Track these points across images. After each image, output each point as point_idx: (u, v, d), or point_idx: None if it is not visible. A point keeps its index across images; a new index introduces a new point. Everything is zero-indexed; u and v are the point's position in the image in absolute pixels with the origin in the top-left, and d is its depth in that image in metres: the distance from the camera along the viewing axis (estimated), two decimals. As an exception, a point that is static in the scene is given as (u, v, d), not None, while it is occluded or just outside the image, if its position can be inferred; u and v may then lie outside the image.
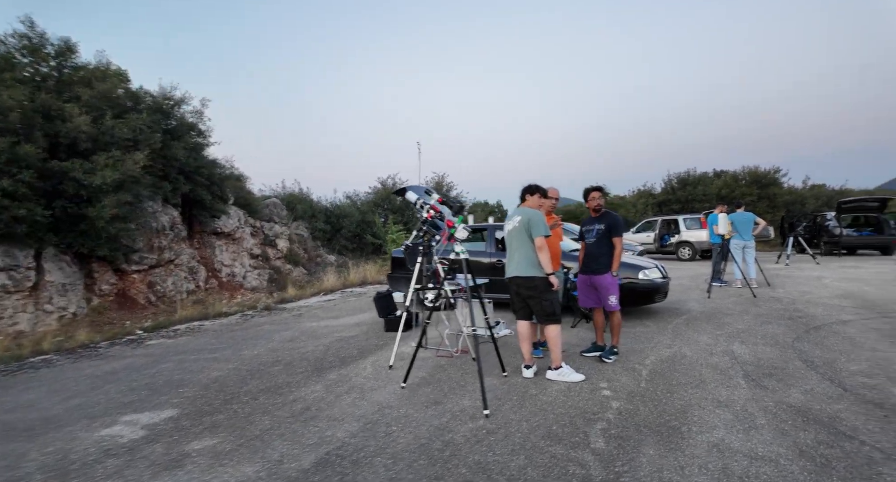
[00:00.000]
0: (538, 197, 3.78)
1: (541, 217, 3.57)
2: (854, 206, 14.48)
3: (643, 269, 5.67)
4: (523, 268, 3.55)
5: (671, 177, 23.57)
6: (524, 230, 3.55)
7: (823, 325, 5.04)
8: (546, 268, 3.48)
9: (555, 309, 3.56)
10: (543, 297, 3.52)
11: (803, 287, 8.02)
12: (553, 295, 3.58)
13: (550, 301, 3.54)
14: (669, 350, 4.29)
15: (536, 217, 3.55)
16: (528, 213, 3.58)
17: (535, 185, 3.77)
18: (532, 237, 3.51)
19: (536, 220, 3.53)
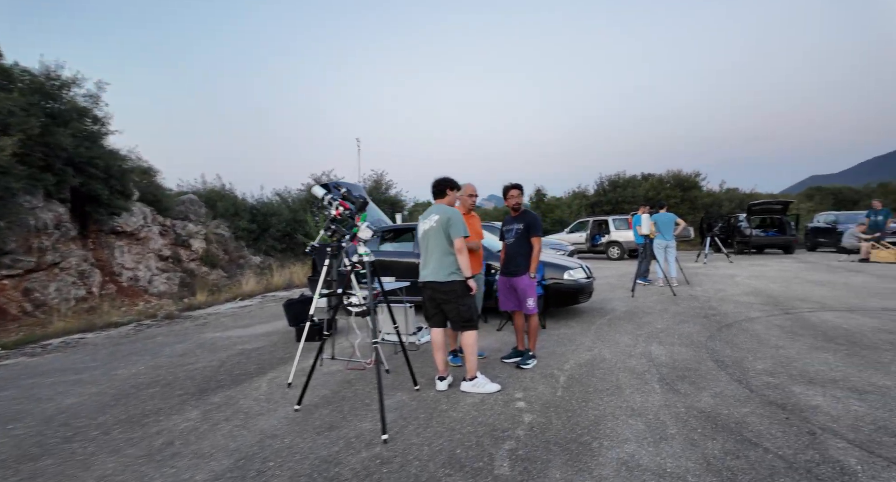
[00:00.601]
0: (454, 193, 3.50)
1: (459, 216, 3.29)
2: (762, 208, 15.76)
3: (568, 270, 5.60)
4: (440, 272, 3.24)
5: (603, 179, 24.62)
6: (442, 230, 3.24)
7: (734, 323, 5.20)
8: (465, 272, 3.20)
9: (472, 314, 3.29)
10: (461, 302, 3.23)
11: (718, 285, 8.46)
12: (471, 300, 3.31)
13: (468, 306, 3.27)
14: (590, 353, 4.19)
15: (455, 216, 3.26)
16: (446, 212, 3.28)
17: (448, 178, 3.47)
18: (450, 238, 3.21)
19: (455, 220, 3.23)
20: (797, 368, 3.56)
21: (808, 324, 5.03)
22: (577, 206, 24.29)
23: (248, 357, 4.46)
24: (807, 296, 6.74)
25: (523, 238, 3.85)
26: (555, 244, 10.60)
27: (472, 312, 3.28)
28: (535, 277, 3.80)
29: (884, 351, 3.95)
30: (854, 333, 4.54)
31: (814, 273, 9.69)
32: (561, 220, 23.13)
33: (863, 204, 21.89)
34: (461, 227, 3.22)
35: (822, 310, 5.76)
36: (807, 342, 4.30)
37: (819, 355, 3.87)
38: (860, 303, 6.08)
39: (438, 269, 3.24)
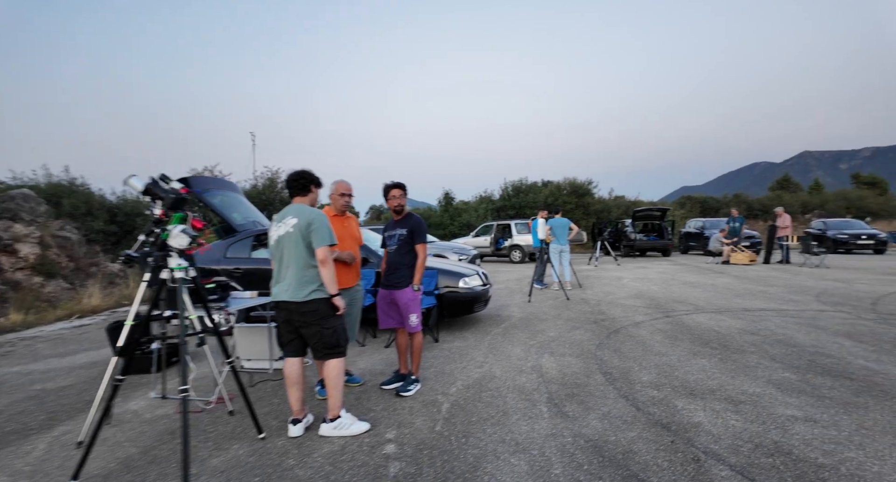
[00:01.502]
0: (317, 191, 2.87)
1: (324, 219, 2.65)
2: (644, 214, 17.25)
3: (464, 277, 5.24)
4: (298, 290, 2.58)
5: (507, 184, 25.41)
6: (300, 237, 2.59)
7: (621, 329, 5.24)
8: (330, 288, 2.59)
9: (338, 339, 2.68)
10: (324, 325, 2.61)
11: (607, 287, 8.80)
12: (338, 321, 2.69)
13: (333, 329, 2.65)
14: (480, 370, 3.82)
15: (318, 219, 2.62)
16: (307, 214, 2.63)
17: (309, 173, 2.83)
18: (312, 247, 2.58)
19: (319, 224, 2.60)
20: (679, 378, 3.51)
21: (685, 327, 5.22)
22: (483, 210, 24.74)
23: (42, 402, 3.37)
24: (683, 298, 7.19)
25: (406, 245, 3.35)
26: (458, 248, 10.36)
27: (338, 337, 2.67)
28: (419, 290, 3.32)
29: (749, 353, 4.12)
30: (724, 336, 4.76)
31: (687, 274, 10.62)
32: (468, 223, 23.37)
33: (723, 211, 25.28)
34: (326, 234, 2.60)
35: (696, 312, 6.10)
36: (686, 347, 4.38)
37: (697, 362, 3.91)
38: (726, 304, 6.59)
39: (296, 286, 2.58)
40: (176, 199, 2.52)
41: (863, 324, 5.11)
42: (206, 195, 5.38)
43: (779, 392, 3.18)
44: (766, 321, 5.42)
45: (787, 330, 4.95)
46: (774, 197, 28.86)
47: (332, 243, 2.61)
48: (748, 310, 6.10)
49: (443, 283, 5.11)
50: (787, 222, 12.73)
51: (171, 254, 2.47)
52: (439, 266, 5.31)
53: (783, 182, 34.63)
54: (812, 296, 7.08)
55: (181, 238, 2.43)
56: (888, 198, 29.83)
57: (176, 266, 2.45)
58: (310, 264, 2.59)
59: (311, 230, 2.57)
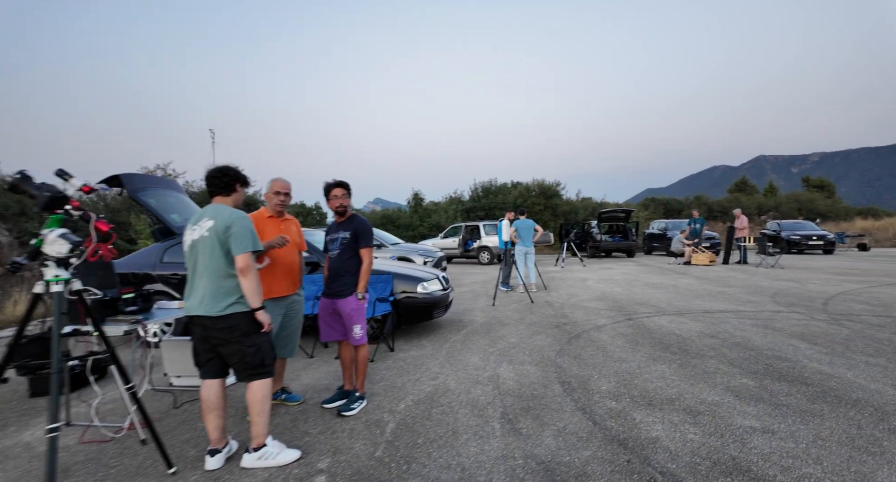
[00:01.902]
0: (243, 191, 2.56)
1: (246, 222, 2.32)
2: (609, 216, 17.49)
3: (422, 281, 5.00)
4: (213, 303, 2.27)
5: (477, 185, 25.36)
6: (217, 242, 2.27)
7: (583, 333, 5.13)
8: (252, 301, 2.28)
9: (263, 358, 2.37)
10: (245, 343, 2.30)
11: (572, 289, 8.76)
12: (262, 338, 2.38)
13: (257, 347, 2.34)
14: (433, 382, 3.58)
15: (240, 222, 2.30)
16: (227, 216, 2.30)
17: (233, 169, 2.50)
18: (231, 254, 2.27)
19: (239, 227, 2.27)
20: (638, 387, 3.39)
21: (646, 331, 5.15)
22: (453, 211, 24.60)
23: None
24: (645, 300, 7.19)
25: (349, 250, 3.07)
26: (424, 250, 10.11)
27: (262, 355, 2.36)
28: (363, 298, 3.05)
29: (709, 358, 4.06)
30: (685, 340, 4.70)
31: (650, 275, 10.74)
32: (438, 224, 23.16)
33: (685, 213, 26.06)
34: (247, 239, 2.28)
35: (657, 314, 6.08)
36: (646, 352, 4.28)
37: (657, 368, 3.81)
38: (686, 306, 6.61)
39: (211, 298, 2.27)
40: (50, 199, 2.15)
41: (815, 326, 5.17)
42: (140, 195, 4.94)
43: (737, 400, 3.09)
44: (724, 323, 5.43)
45: (745, 332, 4.96)
46: (733, 199, 30.04)
47: (256, 249, 2.31)
48: (708, 312, 6.12)
49: (399, 288, 4.85)
50: (744, 224, 13.12)
51: (48, 263, 2.11)
52: (395, 270, 5.05)
53: (740, 184, 36.10)
54: (768, 297, 7.21)
55: (58, 244, 2.08)
56: (835, 200, 31.57)
57: (52, 278, 2.09)
58: (228, 273, 2.27)
59: (229, 234, 2.25)
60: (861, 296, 7.17)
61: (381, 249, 9.78)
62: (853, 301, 6.72)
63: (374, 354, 4.32)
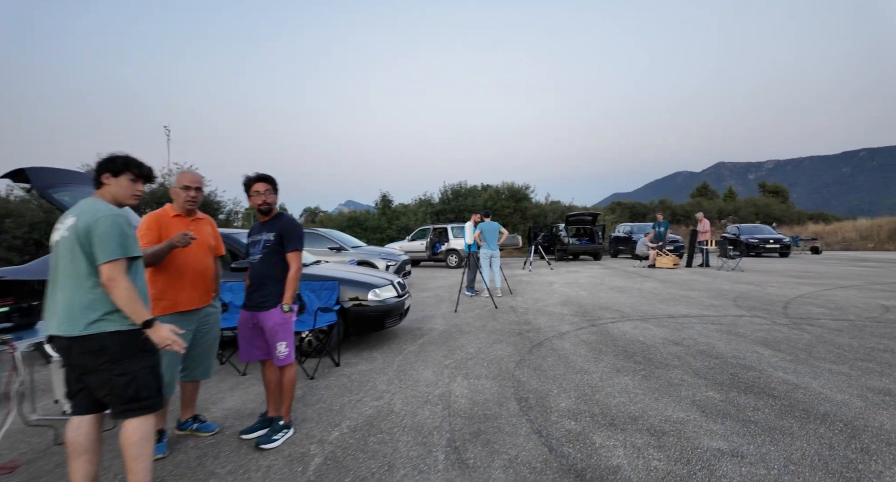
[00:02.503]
0: (129, 179, 2.06)
1: (116, 223, 1.84)
2: (576, 219, 17.53)
3: (374, 288, 4.61)
4: (72, 319, 1.80)
5: (447, 187, 25.09)
6: (77, 245, 1.81)
7: (545, 341, 4.86)
8: (134, 316, 1.83)
9: (138, 390, 1.88)
10: (115, 370, 1.84)
11: (537, 293, 8.54)
12: (140, 364, 1.90)
13: (130, 376, 1.86)
14: (377, 403, 3.20)
15: (106, 222, 1.81)
16: (91, 214, 1.83)
17: (110, 157, 2.01)
18: (95, 261, 1.81)
19: (105, 230, 1.80)
20: (599, 403, 3.12)
21: (610, 338, 4.94)
22: (422, 213, 24.22)
23: None
24: (610, 304, 7.03)
25: (274, 254, 2.67)
26: (387, 254, 9.70)
27: (138, 386, 1.88)
28: (290, 311, 2.64)
29: (673, 368, 3.85)
30: (649, 347, 4.50)
31: (615, 279, 10.69)
32: (406, 227, 22.74)
33: (649, 217, 26.61)
34: (112, 243, 1.80)
35: (622, 319, 5.90)
36: (609, 362, 4.05)
37: (620, 380, 3.57)
38: (651, 310, 6.48)
39: (68, 314, 1.81)
40: None
41: (778, 331, 5.09)
42: (51, 192, 4.34)
43: (703, 417, 2.86)
44: (689, 328, 5.29)
45: (709, 338, 4.81)
46: (695, 203, 30.95)
47: (129, 255, 1.86)
48: (672, 317, 5.99)
49: (348, 296, 4.45)
50: (706, 227, 13.33)
51: None
52: (344, 275, 4.64)
53: (702, 189, 37.34)
54: (730, 301, 7.19)
55: None
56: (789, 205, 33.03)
57: None
58: (91, 283, 1.82)
59: (91, 236, 1.80)
60: (818, 299, 7.24)
61: (341, 253, 9.31)
62: (811, 304, 6.76)
63: (316, 370, 3.91)
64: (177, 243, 2.37)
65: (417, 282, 11.25)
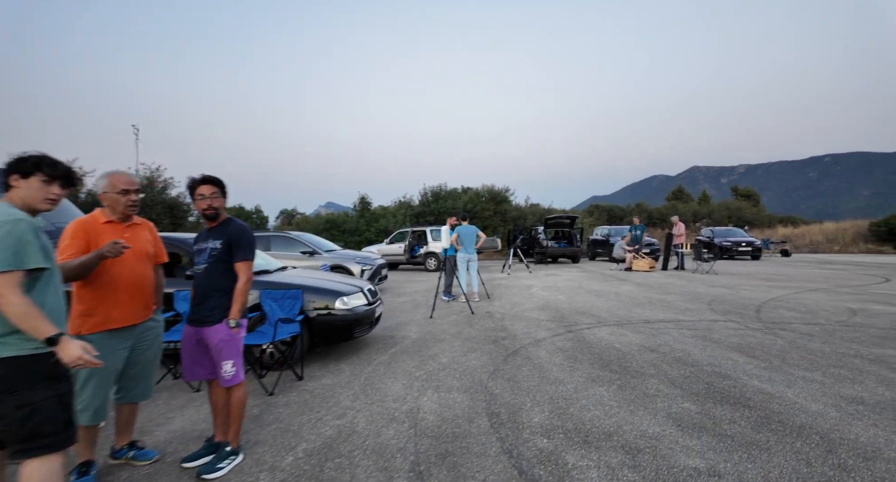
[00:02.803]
0: (41, 181, 1.81)
1: (11, 231, 1.59)
2: (555, 222, 17.57)
3: (342, 296, 4.39)
4: None
5: (427, 190, 24.91)
6: None
7: (520, 349, 4.73)
8: (35, 333, 1.58)
9: (40, 425, 1.62)
10: (10, 402, 1.58)
11: (515, 298, 8.43)
12: (51, 391, 1.65)
13: (29, 409, 1.60)
14: (339, 422, 2.99)
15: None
16: None
17: (34, 156, 1.76)
18: None
19: None
20: (574, 417, 2.99)
21: (586, 345, 4.84)
22: (402, 215, 23.99)
23: None
24: (587, 309, 6.96)
25: (222, 263, 2.44)
26: (361, 258, 9.44)
27: (41, 420, 1.62)
28: (237, 327, 2.41)
29: (649, 377, 3.76)
30: (625, 355, 4.41)
31: (593, 282, 10.69)
32: (385, 229, 22.46)
33: (626, 220, 26.97)
34: (7, 252, 1.57)
35: (598, 325, 5.82)
36: (585, 371, 3.93)
37: (595, 391, 3.45)
38: (627, 315, 6.43)
39: None
40: None
41: (751, 336, 5.08)
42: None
43: (679, 431, 2.75)
44: (664, 334, 5.23)
45: (685, 344, 4.76)
46: (671, 206, 31.55)
47: (23, 267, 1.60)
48: (648, 322, 5.95)
49: (314, 304, 4.22)
50: (681, 230, 13.50)
51: None
52: (309, 283, 4.41)
53: (677, 193, 38.12)
54: (705, 304, 7.21)
55: None
56: (760, 209, 34.00)
57: None
58: None
59: None
60: (789, 302, 7.33)
61: (315, 257, 9.01)
62: (783, 308, 6.83)
63: (276, 385, 3.67)
64: (107, 253, 2.12)
65: (394, 286, 11.03)
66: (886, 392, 3.34)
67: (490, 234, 22.69)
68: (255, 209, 28.52)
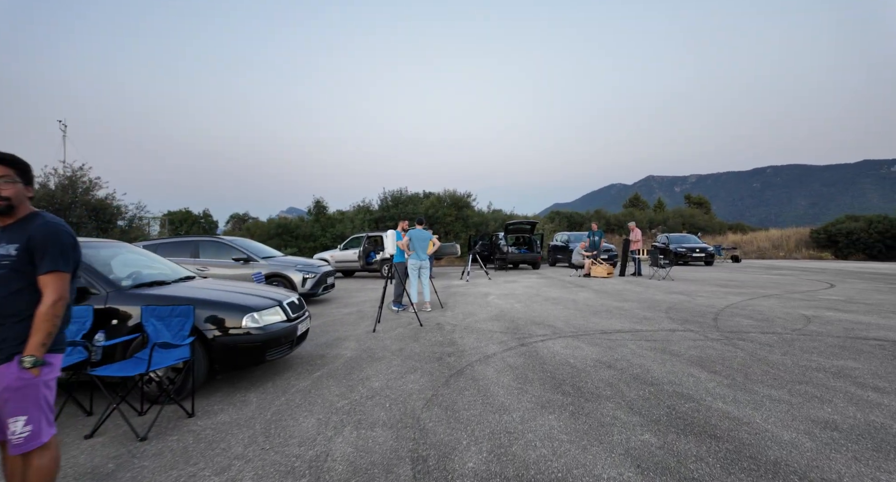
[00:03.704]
0: None
1: None
2: (516, 228, 17.30)
3: (251, 312, 3.69)
4: None
5: (386, 194, 24.21)
6: None
7: (466, 367, 4.19)
8: None
9: None
10: None
11: (470, 307, 7.93)
12: None
13: None
14: (217, 480, 2.33)
15: None
16: None
17: None
18: None
19: None
20: (517, 459, 2.46)
21: (539, 360, 4.37)
22: (360, 220, 23.15)
23: None
24: (543, 318, 6.54)
25: (17, 277, 1.74)
26: (304, 265, 8.66)
27: None
28: (36, 366, 1.71)
29: (605, 399, 3.31)
30: (579, 372, 3.96)
31: (551, 289, 10.36)
32: (343, 234, 21.56)
33: (586, 226, 27.23)
34: None
35: (553, 337, 5.38)
36: (534, 395, 3.43)
37: (544, 421, 2.95)
38: (584, 325, 6.04)
39: None
40: None
41: (711, 347, 4.77)
42: None
43: (639, 475, 2.27)
44: (622, 347, 4.84)
45: (643, 358, 4.37)
46: (627, 213, 32.25)
47: None
48: (605, 333, 5.57)
49: (214, 323, 3.51)
50: (638, 236, 13.48)
51: None
52: (210, 296, 3.70)
53: (634, 200, 39.15)
54: (662, 312, 6.95)
55: None
56: (711, 216, 35.34)
57: None
58: None
59: None
60: (745, 309, 7.19)
61: (250, 264, 8.16)
62: (739, 315, 6.65)
63: (152, 427, 2.94)
64: None
65: (343, 295, 10.29)
66: (858, 414, 3.02)
67: (452, 239, 22.24)
68: (202, 213, 26.82)
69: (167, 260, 4.81)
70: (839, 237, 23.33)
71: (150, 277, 3.95)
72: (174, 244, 8.25)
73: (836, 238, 23.47)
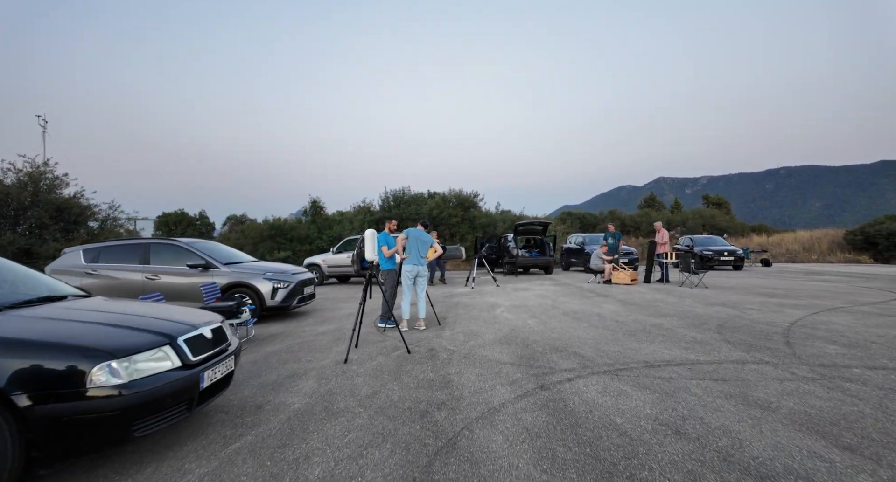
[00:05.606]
0: None
1: None
2: (526, 229, 15.84)
3: (111, 358, 2.29)
4: None
5: (388, 194, 22.92)
6: None
7: (462, 432, 2.79)
8: None
9: None
10: None
11: (474, 324, 6.52)
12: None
13: None
14: None
15: None
16: None
17: None
18: None
19: None
20: None
21: (569, 420, 2.95)
22: (360, 221, 21.84)
23: None
24: (565, 342, 5.11)
25: None
26: (275, 272, 7.30)
27: None
28: None
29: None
30: (635, 445, 2.54)
31: (570, 299, 8.91)
32: (340, 236, 20.25)
33: (599, 227, 25.68)
34: None
35: (583, 374, 3.95)
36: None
37: None
38: (620, 352, 4.60)
39: None
40: None
41: (812, 393, 3.33)
42: None
43: None
44: (683, 392, 3.41)
45: (723, 416, 2.95)
46: (643, 214, 30.57)
47: None
48: (651, 365, 4.14)
49: (32, 381, 2.13)
50: (665, 238, 11.96)
51: None
52: (27, 333, 2.32)
53: (649, 201, 37.41)
54: (714, 332, 5.49)
55: None
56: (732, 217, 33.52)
57: None
58: None
59: None
60: (817, 328, 5.69)
61: (209, 272, 6.82)
62: (815, 337, 5.16)
63: None
64: None
65: (326, 306, 8.94)
66: None
67: (457, 242, 20.84)
68: (198, 215, 25.72)
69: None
70: (878, 238, 21.45)
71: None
72: (120, 247, 6.95)
73: (875, 239, 21.60)
